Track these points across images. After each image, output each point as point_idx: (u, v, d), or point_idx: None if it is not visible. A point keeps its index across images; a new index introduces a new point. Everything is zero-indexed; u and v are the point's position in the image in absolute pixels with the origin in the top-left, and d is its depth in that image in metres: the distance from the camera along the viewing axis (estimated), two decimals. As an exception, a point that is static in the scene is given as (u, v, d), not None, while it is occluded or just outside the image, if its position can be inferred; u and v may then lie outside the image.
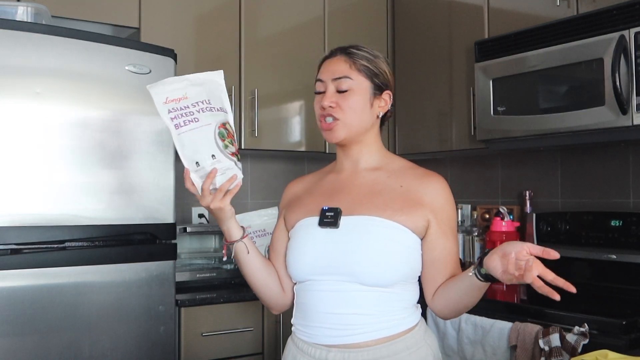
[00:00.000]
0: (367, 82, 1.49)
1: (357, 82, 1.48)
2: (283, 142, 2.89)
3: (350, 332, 1.39)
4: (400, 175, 1.50)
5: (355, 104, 1.47)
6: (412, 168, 1.53)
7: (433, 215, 1.44)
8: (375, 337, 1.38)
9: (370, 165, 1.53)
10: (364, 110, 1.48)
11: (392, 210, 1.42)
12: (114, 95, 2.07)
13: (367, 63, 1.50)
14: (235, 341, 2.39)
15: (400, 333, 1.40)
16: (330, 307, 1.40)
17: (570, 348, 1.81)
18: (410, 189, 1.46)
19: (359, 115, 1.47)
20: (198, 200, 1.45)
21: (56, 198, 1.95)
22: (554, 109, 2.32)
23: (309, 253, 1.45)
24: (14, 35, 1.89)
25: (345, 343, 1.38)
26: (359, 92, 1.48)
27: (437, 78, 2.94)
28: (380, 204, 1.44)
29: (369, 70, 1.49)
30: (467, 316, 2.14)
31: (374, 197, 1.47)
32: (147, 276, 2.10)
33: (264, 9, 2.84)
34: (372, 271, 1.38)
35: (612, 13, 2.13)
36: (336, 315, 1.40)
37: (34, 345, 1.89)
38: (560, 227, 2.62)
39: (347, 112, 1.46)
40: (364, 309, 1.39)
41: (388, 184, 1.49)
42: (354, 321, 1.39)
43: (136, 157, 2.10)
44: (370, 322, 1.39)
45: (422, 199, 1.44)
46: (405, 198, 1.45)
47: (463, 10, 2.81)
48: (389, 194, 1.46)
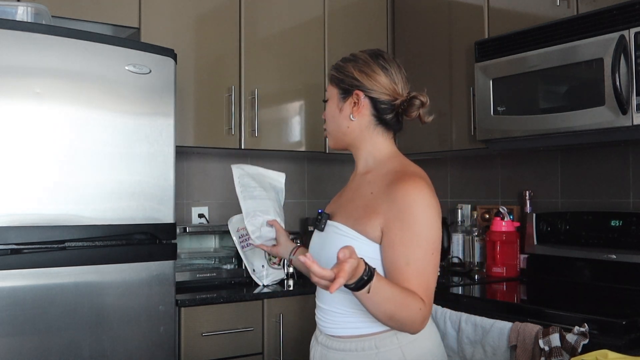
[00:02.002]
0: (335, 89, 1.59)
1: (329, 92, 1.61)
2: (283, 142, 2.89)
3: (330, 325, 1.54)
4: (379, 180, 1.51)
5: (329, 111, 1.60)
6: (394, 173, 1.50)
7: (386, 224, 1.43)
8: (346, 333, 1.51)
9: (364, 169, 1.59)
10: (335, 116, 1.58)
11: (354, 219, 1.49)
12: (114, 95, 2.07)
13: (334, 72, 1.59)
14: (235, 341, 2.39)
15: (370, 334, 1.48)
16: (319, 300, 1.58)
17: (570, 348, 1.81)
18: (377, 196, 1.48)
19: (333, 122, 1.59)
20: (198, 200, 1.50)
21: (56, 198, 1.95)
22: (554, 109, 2.32)
23: (309, 249, 1.63)
24: (14, 35, 1.89)
25: (327, 333, 1.56)
26: (331, 100, 1.60)
27: (437, 78, 2.94)
28: (349, 211, 1.53)
29: (335, 77, 1.58)
30: (467, 316, 2.14)
31: (349, 203, 1.56)
32: (147, 276, 2.10)
33: (264, 9, 2.85)
34: None
35: (612, 13, 2.13)
36: (321, 309, 1.57)
37: (34, 345, 1.89)
38: (560, 227, 2.62)
39: (327, 121, 1.62)
40: (338, 307, 1.51)
41: (363, 190, 1.54)
42: (330, 317, 1.54)
43: (136, 157, 2.10)
44: (341, 320, 1.51)
45: (380, 207, 1.45)
46: (366, 206, 1.49)
47: (463, 10, 2.81)
48: (359, 200, 1.53)
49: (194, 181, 3.00)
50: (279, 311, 2.45)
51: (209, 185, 3.04)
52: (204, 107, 2.68)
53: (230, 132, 2.72)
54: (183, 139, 2.59)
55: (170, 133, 2.18)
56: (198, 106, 2.67)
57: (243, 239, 2.61)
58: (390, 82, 1.53)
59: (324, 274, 1.19)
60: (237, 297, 2.40)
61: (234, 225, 2.64)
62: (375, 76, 1.53)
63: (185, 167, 2.96)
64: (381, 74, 1.53)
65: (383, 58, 1.55)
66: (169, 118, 2.18)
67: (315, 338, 1.61)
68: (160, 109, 2.16)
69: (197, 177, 3.01)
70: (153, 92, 2.14)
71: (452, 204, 3.22)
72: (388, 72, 1.54)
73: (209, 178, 3.05)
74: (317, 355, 1.58)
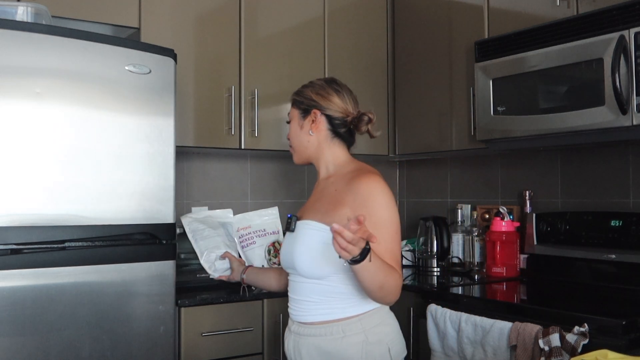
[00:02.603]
0: (296, 110, 1.88)
1: (292, 114, 1.90)
2: (283, 142, 2.89)
3: (301, 313, 1.76)
4: (340, 179, 1.78)
5: (292, 130, 1.89)
6: (355, 171, 1.78)
7: (352, 213, 1.64)
8: (317, 319, 1.72)
9: (325, 174, 1.87)
10: (297, 132, 1.87)
11: (321, 214, 1.73)
12: (114, 95, 2.07)
13: (295, 96, 1.89)
14: (235, 341, 2.39)
15: (339, 319, 1.70)
16: (292, 293, 1.81)
17: (570, 348, 1.81)
18: (340, 191, 1.74)
19: (296, 138, 1.88)
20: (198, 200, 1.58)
21: (56, 198, 1.95)
22: (554, 109, 2.32)
23: (281, 250, 1.84)
24: (14, 35, 1.89)
25: (299, 321, 1.77)
26: (293, 121, 1.89)
27: (437, 78, 2.94)
28: (316, 208, 1.78)
29: (297, 101, 1.89)
30: (467, 316, 2.14)
31: (316, 202, 1.82)
32: (147, 276, 2.10)
33: (264, 9, 2.85)
34: (302, 266, 1.72)
35: (612, 13, 2.13)
36: (293, 300, 1.80)
37: (34, 345, 1.89)
38: (560, 227, 2.62)
39: (291, 139, 1.91)
40: (309, 296, 1.74)
41: (327, 190, 1.80)
42: (303, 306, 1.75)
43: (136, 157, 2.10)
44: (313, 308, 1.73)
45: (344, 199, 1.70)
46: (332, 200, 1.74)
47: (463, 10, 2.81)
48: (325, 198, 1.78)
49: (194, 181, 3.00)
50: (279, 311, 2.45)
51: (209, 185, 3.04)
52: (203, 107, 2.68)
53: (230, 132, 2.72)
54: (183, 139, 2.59)
55: (170, 133, 2.18)
56: (198, 106, 2.67)
57: (243, 239, 2.61)
58: (342, 102, 1.83)
59: (353, 229, 1.39)
60: (237, 297, 2.40)
61: (234, 225, 2.64)
62: (330, 97, 1.83)
63: (185, 167, 2.96)
64: (334, 96, 1.83)
65: (336, 83, 1.87)
66: (169, 118, 2.18)
67: (289, 328, 1.82)
68: (160, 109, 2.16)
69: (197, 177, 3.01)
70: (153, 92, 2.14)
71: (452, 204, 3.22)
72: (340, 94, 1.84)
73: (209, 178, 3.05)
74: (291, 343, 1.78)
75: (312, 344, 1.72)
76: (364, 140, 2.18)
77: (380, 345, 1.71)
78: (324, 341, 1.70)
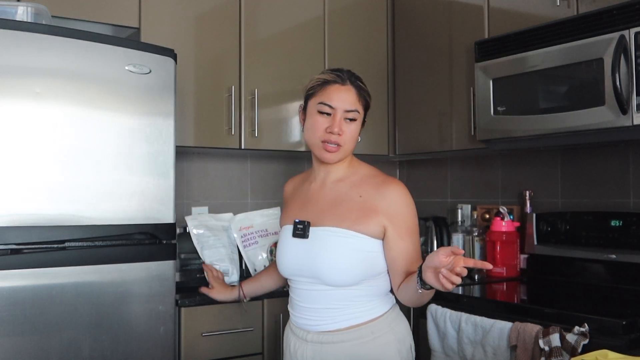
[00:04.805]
0: (363, 113, 1.73)
1: (360, 114, 1.71)
2: (283, 142, 2.89)
3: (322, 322, 1.67)
4: (361, 185, 1.71)
5: (355, 133, 1.71)
6: (373, 177, 1.73)
7: (388, 221, 1.65)
8: (343, 326, 1.65)
9: (336, 177, 1.75)
10: (354, 137, 1.71)
11: (350, 221, 1.65)
12: (114, 95, 2.07)
13: (368, 97, 1.73)
14: (235, 341, 2.39)
15: (366, 321, 1.66)
16: (306, 302, 1.70)
17: (570, 348, 1.81)
18: (368, 198, 1.68)
19: (354, 142, 1.72)
20: (198, 200, 1.57)
21: (56, 198, 1.95)
22: (554, 109, 2.32)
23: (286, 259, 1.72)
24: (14, 35, 1.89)
25: (320, 330, 1.67)
26: (358, 122, 1.71)
27: (437, 78, 2.94)
28: (341, 215, 1.67)
29: (368, 104, 1.74)
30: (467, 316, 2.14)
31: (336, 208, 1.70)
32: (147, 276, 2.10)
33: (264, 9, 2.84)
34: (331, 275, 1.63)
35: (612, 13, 2.13)
36: (310, 309, 1.69)
37: (34, 345, 1.89)
38: (560, 227, 2.62)
39: (348, 140, 1.69)
40: (332, 304, 1.66)
41: (349, 195, 1.71)
42: (325, 314, 1.67)
43: (136, 157, 2.10)
44: (337, 314, 1.66)
45: (378, 207, 1.66)
46: (362, 207, 1.67)
47: (463, 10, 2.81)
48: (349, 204, 1.69)
49: (194, 181, 3.00)
50: (279, 311, 2.45)
51: (209, 185, 3.04)
52: (204, 107, 2.68)
53: (230, 132, 2.72)
54: (183, 139, 2.59)
55: (170, 133, 2.18)
56: (198, 106, 2.67)
57: (245, 238, 2.61)
58: None
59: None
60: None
61: (236, 224, 2.64)
62: None
63: (185, 167, 2.96)
64: None
65: None
66: (169, 118, 2.18)
67: (302, 338, 1.71)
68: (160, 109, 2.16)
69: (197, 177, 3.01)
70: (153, 92, 2.14)
71: (452, 204, 3.22)
72: None
73: (209, 178, 3.05)
74: (309, 354, 1.68)
75: (341, 351, 1.65)
76: (364, 140, 2.18)
77: (404, 344, 1.70)
78: (354, 346, 1.64)
